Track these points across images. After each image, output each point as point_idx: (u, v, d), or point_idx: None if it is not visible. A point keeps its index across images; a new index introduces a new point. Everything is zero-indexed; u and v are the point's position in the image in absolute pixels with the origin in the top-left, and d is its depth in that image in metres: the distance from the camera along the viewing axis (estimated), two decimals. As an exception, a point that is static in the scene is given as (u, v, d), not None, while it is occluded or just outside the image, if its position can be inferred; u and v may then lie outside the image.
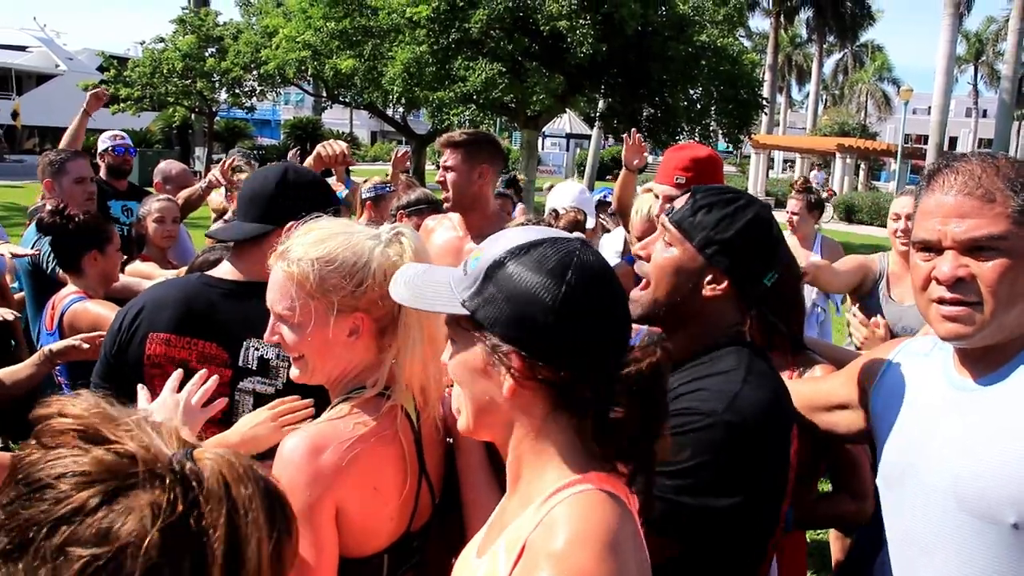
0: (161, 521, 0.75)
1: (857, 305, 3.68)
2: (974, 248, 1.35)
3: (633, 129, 4.03)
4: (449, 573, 1.26)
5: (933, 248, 1.40)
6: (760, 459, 1.56)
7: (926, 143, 27.75)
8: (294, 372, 1.53)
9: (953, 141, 55.83)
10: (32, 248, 3.55)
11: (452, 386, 1.66)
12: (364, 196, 5.24)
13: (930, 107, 27.10)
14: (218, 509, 0.78)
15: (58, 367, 2.84)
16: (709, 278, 1.60)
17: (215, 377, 1.69)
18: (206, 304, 1.89)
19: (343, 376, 1.49)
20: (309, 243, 1.47)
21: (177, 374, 1.67)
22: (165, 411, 1.56)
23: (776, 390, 1.62)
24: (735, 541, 1.58)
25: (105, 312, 2.84)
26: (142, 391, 1.62)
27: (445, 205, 3.30)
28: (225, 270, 1.96)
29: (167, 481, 0.78)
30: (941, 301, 1.39)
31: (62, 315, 2.90)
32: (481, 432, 1.20)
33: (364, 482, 1.38)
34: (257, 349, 1.88)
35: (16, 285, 4.06)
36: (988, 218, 1.34)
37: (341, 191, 6.62)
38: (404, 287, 1.21)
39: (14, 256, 3.61)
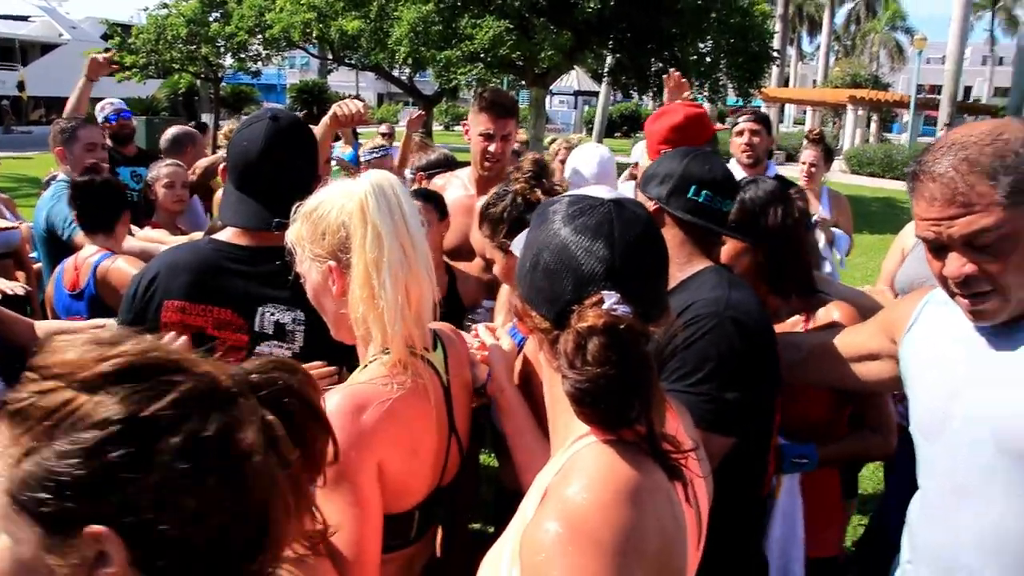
0: (265, 430, 0.82)
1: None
2: (973, 243, 1.35)
3: (672, 69, 3.92)
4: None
5: (938, 247, 1.41)
6: (764, 349, 1.77)
7: (940, 93, 27.28)
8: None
9: (968, 91, 54.94)
10: (44, 215, 3.58)
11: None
12: (363, 159, 5.31)
13: (944, 56, 26.62)
14: (300, 404, 0.87)
15: None
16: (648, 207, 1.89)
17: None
18: (218, 270, 1.87)
19: (352, 332, 1.49)
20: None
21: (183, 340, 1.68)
22: None
23: (753, 292, 1.89)
24: (757, 431, 1.83)
25: (135, 271, 2.86)
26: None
27: (484, 173, 3.22)
28: (231, 234, 1.94)
29: (247, 394, 0.83)
30: (961, 295, 1.41)
31: (94, 271, 2.90)
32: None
33: (402, 441, 1.39)
34: (273, 314, 1.87)
35: (36, 255, 4.09)
36: (977, 214, 1.33)
37: (349, 152, 6.60)
38: None
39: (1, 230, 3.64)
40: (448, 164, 4.38)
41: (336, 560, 1.30)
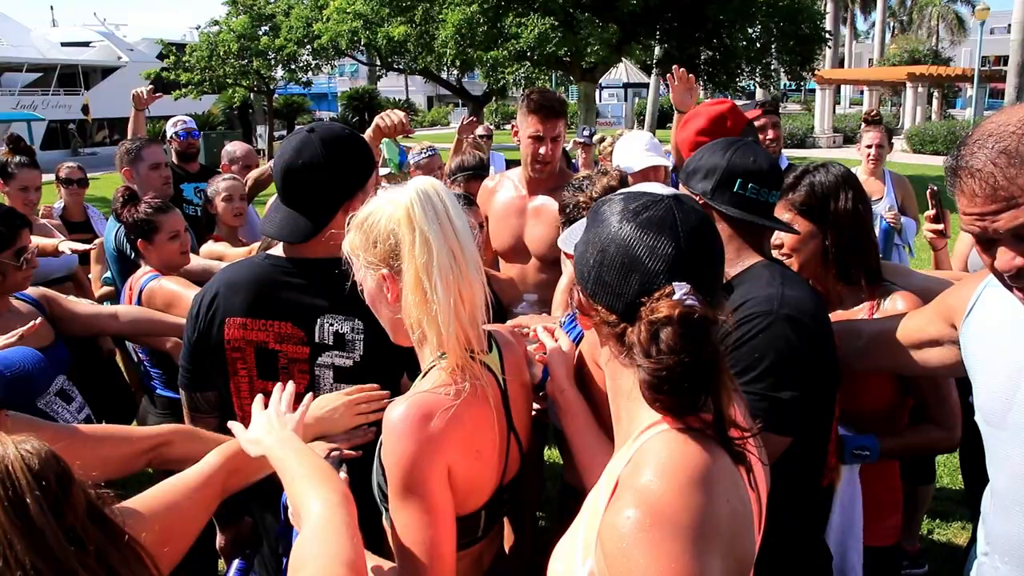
0: None
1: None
2: (1021, 235, 1.29)
3: (675, 66, 3.86)
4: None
5: (985, 240, 1.36)
6: (821, 346, 1.77)
7: (1006, 64, 26.25)
8: None
9: (1035, 60, 52.70)
10: (114, 237, 3.71)
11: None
12: (412, 162, 5.35)
13: (1009, 24, 25.59)
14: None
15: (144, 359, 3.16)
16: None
17: (292, 384, 1.70)
18: (276, 285, 1.92)
19: (408, 336, 1.51)
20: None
21: (259, 399, 1.68)
22: (264, 426, 1.57)
23: (810, 288, 1.85)
24: (815, 428, 1.81)
25: (178, 289, 2.97)
26: (236, 425, 1.65)
27: (534, 175, 3.27)
28: (284, 248, 1.98)
29: None
30: (1016, 287, 1.36)
31: (140, 293, 3.04)
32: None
33: (467, 445, 1.42)
34: (332, 324, 1.91)
35: (109, 275, 4.25)
36: (1022, 207, 1.27)
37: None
38: None
39: (73, 252, 3.79)
40: (475, 168, 4.39)
41: (410, 564, 1.34)
